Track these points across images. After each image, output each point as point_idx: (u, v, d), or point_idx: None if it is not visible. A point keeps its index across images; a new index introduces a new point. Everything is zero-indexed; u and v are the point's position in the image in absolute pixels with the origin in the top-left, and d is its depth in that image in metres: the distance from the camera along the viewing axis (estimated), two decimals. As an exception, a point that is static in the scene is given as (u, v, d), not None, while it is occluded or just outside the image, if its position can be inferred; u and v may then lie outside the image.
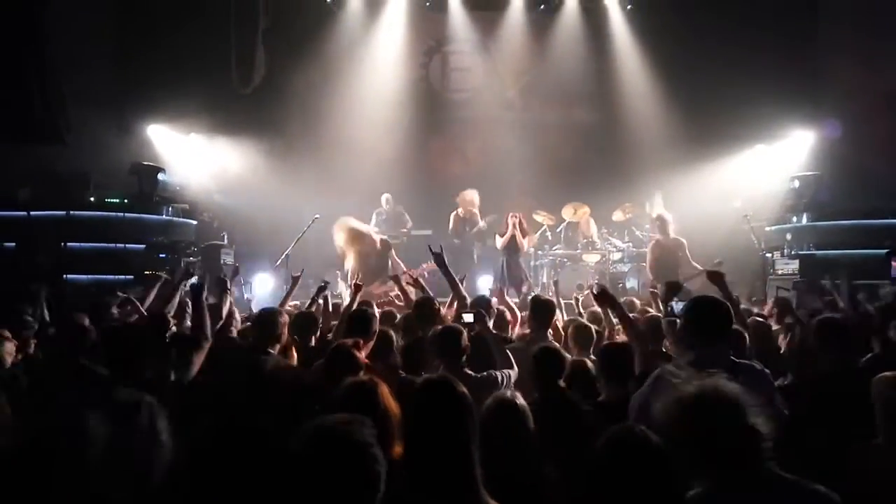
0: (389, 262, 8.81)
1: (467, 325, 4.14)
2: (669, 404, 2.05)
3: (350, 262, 8.49)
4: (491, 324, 5.01)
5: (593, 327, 4.76)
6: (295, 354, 4.27)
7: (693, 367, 2.98)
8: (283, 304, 5.63)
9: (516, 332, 5.35)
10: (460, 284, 5.42)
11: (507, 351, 4.01)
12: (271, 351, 4.03)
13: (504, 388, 3.59)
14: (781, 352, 4.82)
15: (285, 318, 4.27)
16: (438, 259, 5.44)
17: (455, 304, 5.29)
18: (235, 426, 1.78)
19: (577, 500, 2.08)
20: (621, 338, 4.33)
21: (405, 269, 8.35)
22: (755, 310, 6.09)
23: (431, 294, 5.41)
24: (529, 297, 5.85)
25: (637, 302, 6.97)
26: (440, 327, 4.08)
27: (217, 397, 3.36)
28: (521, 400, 2.68)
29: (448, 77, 13.37)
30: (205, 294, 3.87)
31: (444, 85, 13.38)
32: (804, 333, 4.36)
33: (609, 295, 4.15)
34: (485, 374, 3.83)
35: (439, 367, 3.68)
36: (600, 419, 3.09)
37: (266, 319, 4.16)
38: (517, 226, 9.54)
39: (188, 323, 5.36)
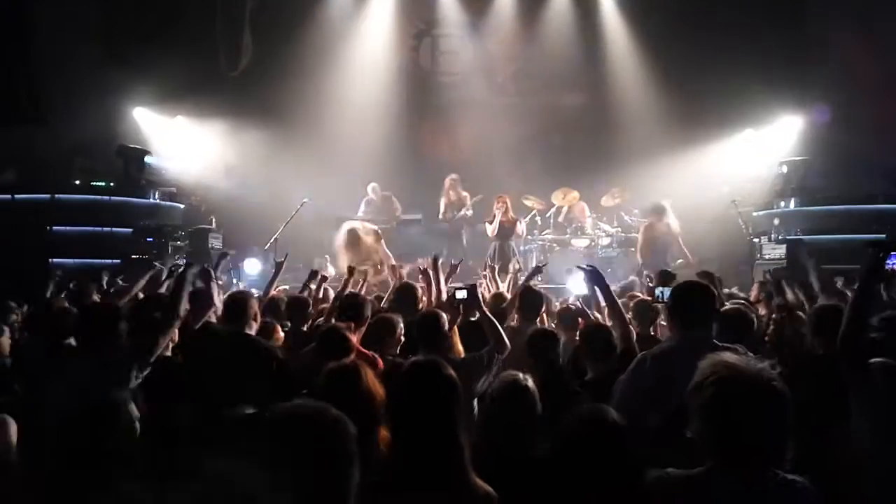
0: (380, 252, 8.79)
1: (460, 301, 4.06)
2: (702, 371, 2.01)
3: (342, 262, 8.46)
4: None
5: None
6: (281, 337, 4.24)
7: (676, 350, 3.02)
8: (268, 289, 5.59)
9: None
10: (443, 281, 5.35)
11: (502, 331, 3.90)
12: (249, 332, 3.99)
13: (494, 368, 3.60)
14: (766, 337, 4.84)
15: (254, 301, 4.23)
16: (434, 261, 5.38)
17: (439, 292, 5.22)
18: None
19: (548, 475, 2.12)
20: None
21: (394, 262, 8.33)
22: (742, 295, 6.11)
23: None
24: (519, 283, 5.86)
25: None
26: (419, 315, 4.03)
27: (193, 379, 3.35)
28: (531, 382, 2.66)
29: (438, 60, 13.29)
30: (191, 277, 3.77)
31: (434, 68, 13.30)
32: (792, 318, 4.37)
33: (599, 273, 4.17)
34: (470, 355, 3.84)
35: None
36: (587, 398, 3.13)
37: (236, 303, 4.10)
38: (505, 212, 9.56)
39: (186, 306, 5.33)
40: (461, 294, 4.06)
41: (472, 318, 4.17)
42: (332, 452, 1.62)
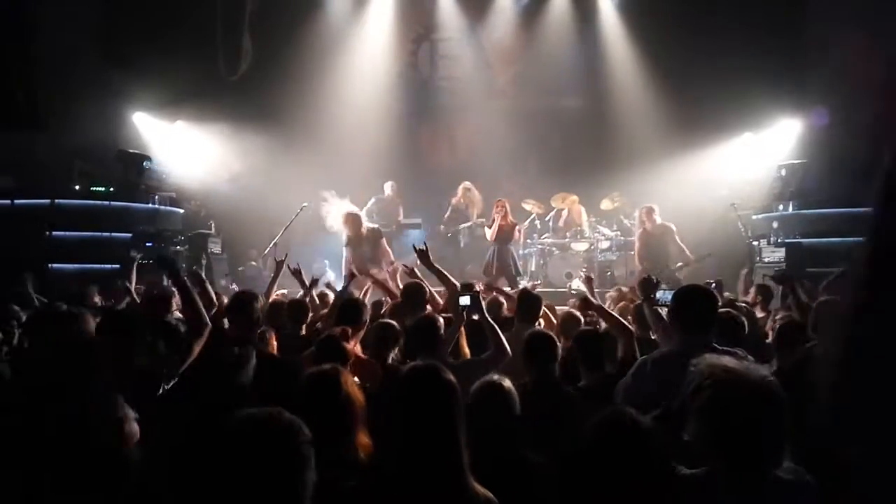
0: (380, 251, 8.80)
1: (464, 308, 4.04)
2: (699, 376, 2.01)
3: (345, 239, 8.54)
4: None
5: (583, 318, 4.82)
6: (274, 343, 4.23)
7: (677, 354, 3.02)
8: (268, 291, 5.58)
9: None
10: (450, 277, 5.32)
11: (502, 337, 3.90)
12: (251, 336, 3.97)
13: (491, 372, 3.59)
14: (768, 339, 4.84)
15: (261, 302, 4.21)
16: (423, 256, 5.31)
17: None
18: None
19: (564, 480, 2.11)
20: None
21: (393, 260, 8.35)
22: (741, 298, 6.11)
23: (428, 285, 5.31)
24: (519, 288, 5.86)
25: (625, 289, 7.03)
26: (416, 319, 4.01)
27: (204, 387, 3.34)
28: (507, 383, 2.68)
29: (437, 64, 13.31)
30: (183, 276, 3.74)
31: (433, 72, 13.32)
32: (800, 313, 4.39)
33: (591, 303, 4.44)
34: (469, 359, 3.83)
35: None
36: (583, 403, 3.14)
37: (244, 302, 4.09)
38: (504, 216, 9.55)
39: (177, 312, 5.33)
40: (464, 300, 4.06)
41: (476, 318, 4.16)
42: (283, 457, 1.64)
